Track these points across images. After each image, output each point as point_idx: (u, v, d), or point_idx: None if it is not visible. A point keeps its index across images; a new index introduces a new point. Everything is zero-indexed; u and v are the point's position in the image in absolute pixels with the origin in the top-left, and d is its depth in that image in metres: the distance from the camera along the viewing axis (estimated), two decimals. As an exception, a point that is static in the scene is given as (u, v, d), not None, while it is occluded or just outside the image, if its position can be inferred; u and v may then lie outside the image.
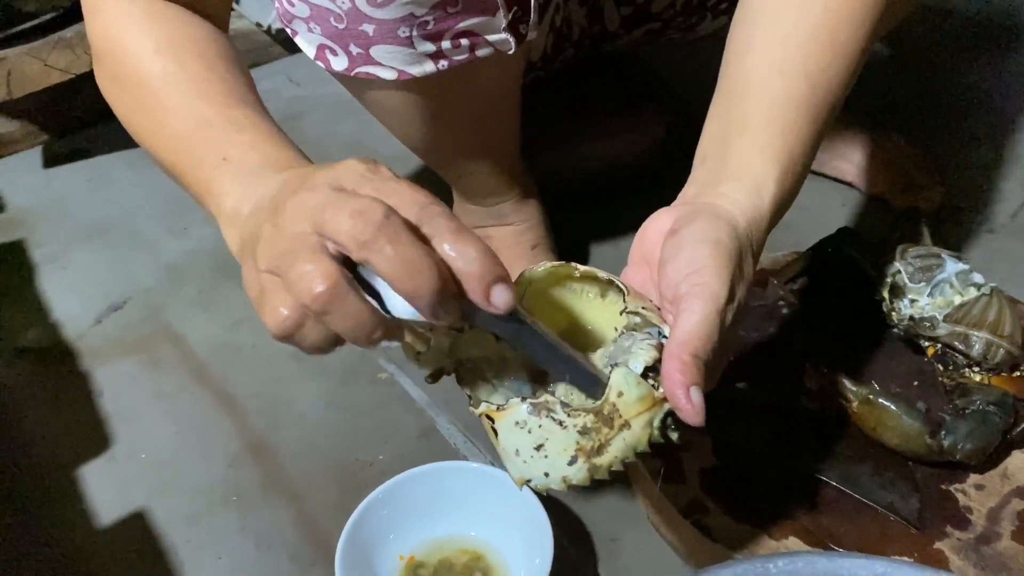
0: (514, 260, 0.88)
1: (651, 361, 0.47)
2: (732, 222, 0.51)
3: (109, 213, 1.11)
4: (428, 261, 0.41)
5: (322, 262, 0.41)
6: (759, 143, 0.54)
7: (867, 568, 0.52)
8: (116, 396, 0.87)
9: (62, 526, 0.75)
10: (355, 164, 0.44)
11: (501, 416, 0.48)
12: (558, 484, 0.48)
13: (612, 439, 0.47)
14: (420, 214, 0.42)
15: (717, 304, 0.47)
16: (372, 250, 0.40)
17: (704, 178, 0.55)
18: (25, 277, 1.02)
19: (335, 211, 0.41)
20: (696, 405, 0.45)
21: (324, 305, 0.41)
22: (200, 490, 0.77)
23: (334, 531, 0.70)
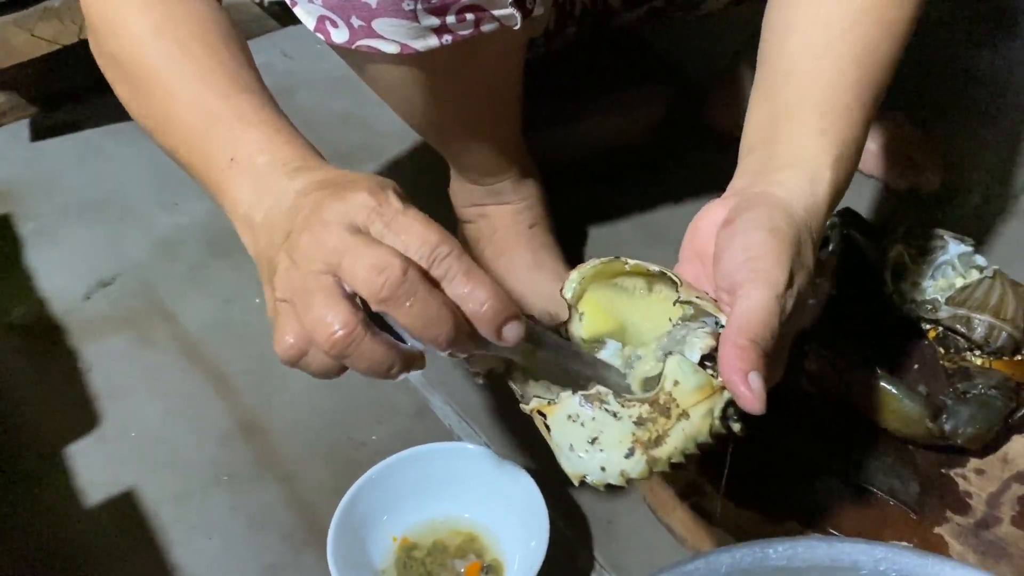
0: (512, 239, 0.86)
1: (707, 349, 0.46)
2: (789, 209, 0.49)
3: (99, 187, 1.09)
4: (444, 312, 0.43)
5: (339, 307, 0.42)
6: (811, 130, 0.52)
7: (868, 553, 0.51)
8: (105, 373, 0.85)
9: (50, 505, 0.74)
10: (365, 198, 0.45)
11: (553, 411, 0.46)
12: (616, 479, 0.46)
13: (670, 430, 0.45)
14: (431, 256, 0.43)
15: (776, 290, 0.46)
16: (391, 305, 0.42)
17: (754, 167, 0.53)
18: (12, 252, 1.00)
19: (352, 261, 0.42)
20: (756, 391, 0.44)
21: (342, 350, 0.43)
22: (191, 469, 0.76)
23: (327, 512, 0.69)
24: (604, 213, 0.98)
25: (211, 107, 0.53)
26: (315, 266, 0.43)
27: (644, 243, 0.96)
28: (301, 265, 0.44)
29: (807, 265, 0.49)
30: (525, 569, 0.62)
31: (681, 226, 0.96)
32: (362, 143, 1.14)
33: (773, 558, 0.52)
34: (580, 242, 0.95)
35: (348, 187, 0.46)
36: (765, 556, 0.52)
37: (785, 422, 0.68)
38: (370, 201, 0.45)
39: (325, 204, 0.45)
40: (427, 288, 0.43)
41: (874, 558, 0.51)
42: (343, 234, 0.43)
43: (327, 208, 0.45)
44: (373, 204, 0.45)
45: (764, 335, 0.45)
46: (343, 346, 0.42)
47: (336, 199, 0.45)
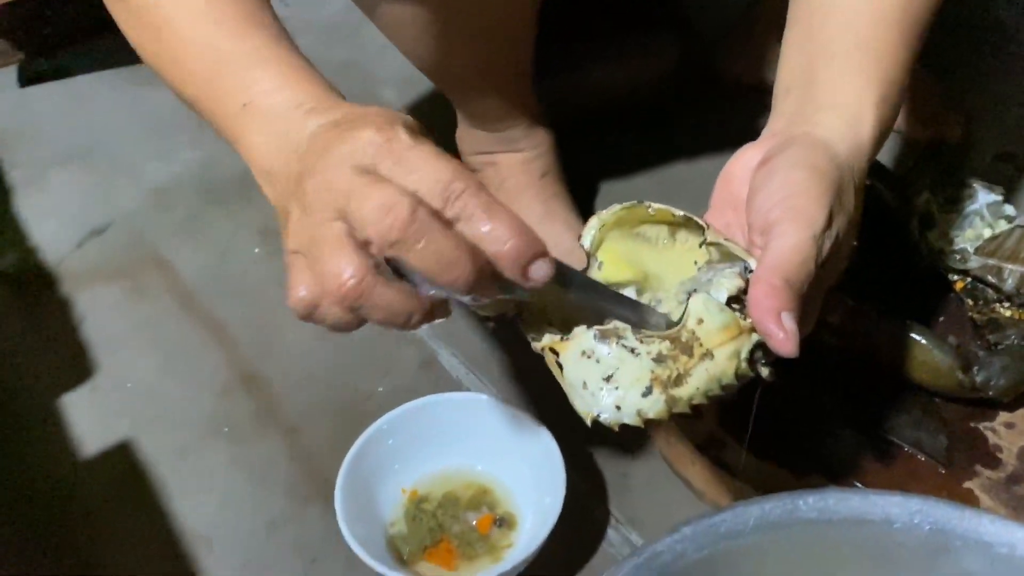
0: (523, 188, 0.83)
1: (735, 291, 0.43)
2: (831, 150, 0.46)
3: (89, 135, 1.05)
4: (461, 252, 0.39)
5: (350, 256, 0.40)
6: (852, 68, 0.49)
7: (902, 506, 0.49)
8: (99, 323, 0.82)
9: (43, 457, 0.72)
10: (372, 135, 0.41)
11: (565, 347, 0.43)
12: (632, 418, 0.43)
13: (692, 369, 0.42)
14: (445, 193, 0.40)
15: (813, 229, 0.43)
16: (402, 248, 0.39)
17: (792, 109, 0.50)
18: (1, 200, 0.97)
19: (360, 202, 0.39)
20: (789, 331, 0.41)
21: (355, 300, 0.40)
22: (189, 421, 0.74)
23: (332, 465, 0.67)
24: (613, 164, 0.95)
25: (224, 48, 0.50)
26: (325, 213, 0.40)
27: (655, 194, 0.91)
28: (311, 212, 0.41)
29: (848, 208, 0.46)
30: (540, 522, 0.60)
31: (692, 177, 0.94)
32: (362, 91, 1.10)
33: (803, 510, 0.50)
34: (589, 193, 0.92)
35: (356, 125, 0.42)
36: (795, 508, 0.50)
37: (807, 375, 0.66)
38: (377, 138, 0.41)
39: (332, 146, 0.42)
40: (440, 228, 0.39)
41: (908, 511, 0.49)
42: (350, 175, 0.40)
43: (333, 150, 0.42)
44: (380, 140, 0.41)
45: (799, 276, 0.42)
46: (355, 295, 0.40)
47: (342, 140, 0.42)
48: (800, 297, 0.42)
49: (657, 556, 0.48)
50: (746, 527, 0.49)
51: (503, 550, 0.61)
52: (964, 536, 0.48)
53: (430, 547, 0.62)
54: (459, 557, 0.61)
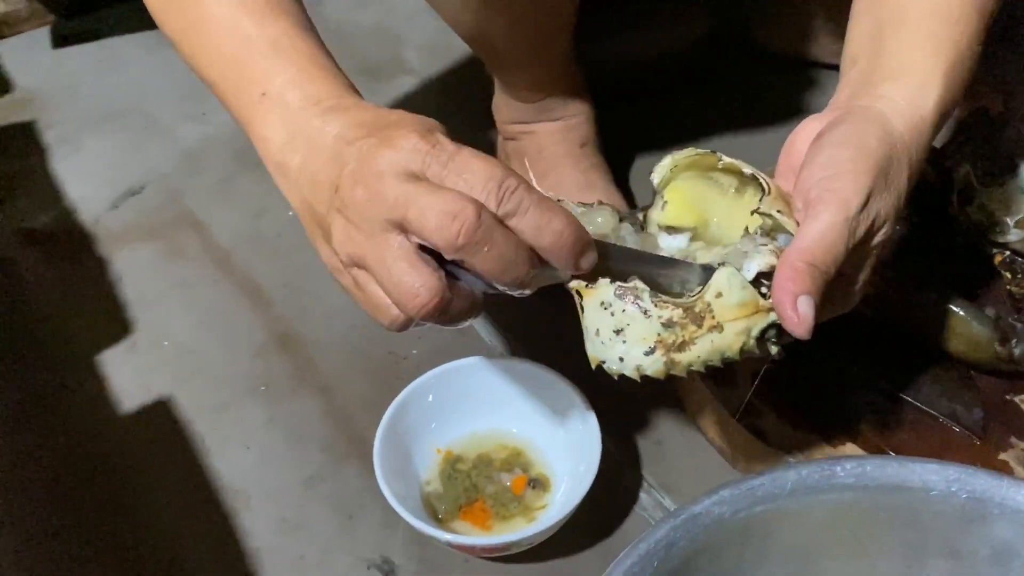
0: (561, 158, 0.83)
1: (766, 267, 0.44)
2: (886, 126, 0.46)
3: (122, 96, 1.06)
4: (522, 254, 0.41)
5: (424, 274, 0.41)
6: (920, 37, 0.48)
7: (939, 474, 0.50)
8: (135, 282, 0.83)
9: (82, 413, 0.73)
10: (416, 141, 0.42)
11: (590, 293, 0.46)
12: (631, 371, 0.45)
13: (698, 338, 0.44)
14: (500, 191, 0.41)
15: (846, 212, 0.43)
16: (468, 252, 0.40)
17: (857, 79, 0.50)
18: (37, 159, 0.98)
19: (420, 211, 0.40)
20: (803, 315, 0.42)
21: (432, 316, 0.42)
22: (226, 380, 0.74)
23: (367, 425, 0.68)
24: (650, 133, 0.95)
25: (245, 31, 0.50)
26: (376, 224, 0.41)
27: None
28: (360, 225, 0.42)
29: (897, 187, 0.46)
30: (574, 485, 0.60)
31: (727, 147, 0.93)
32: (392, 57, 1.10)
33: (841, 476, 0.50)
34: (625, 164, 0.92)
35: (394, 131, 0.42)
36: (832, 474, 0.50)
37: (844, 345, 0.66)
38: (422, 144, 0.42)
39: (374, 153, 0.42)
40: (502, 231, 0.41)
41: (946, 479, 0.50)
42: (401, 184, 0.41)
43: (377, 157, 0.42)
44: (426, 147, 0.42)
45: (826, 260, 0.43)
46: (434, 313, 0.42)
47: (385, 146, 0.42)
48: (825, 281, 0.43)
49: (695, 518, 0.49)
50: (783, 491, 0.50)
51: (537, 511, 0.62)
52: (1001, 505, 0.48)
53: (465, 506, 0.62)
54: (493, 517, 0.62)
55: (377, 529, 0.64)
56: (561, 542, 0.61)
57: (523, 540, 0.58)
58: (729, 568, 0.50)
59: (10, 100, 1.07)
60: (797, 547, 0.51)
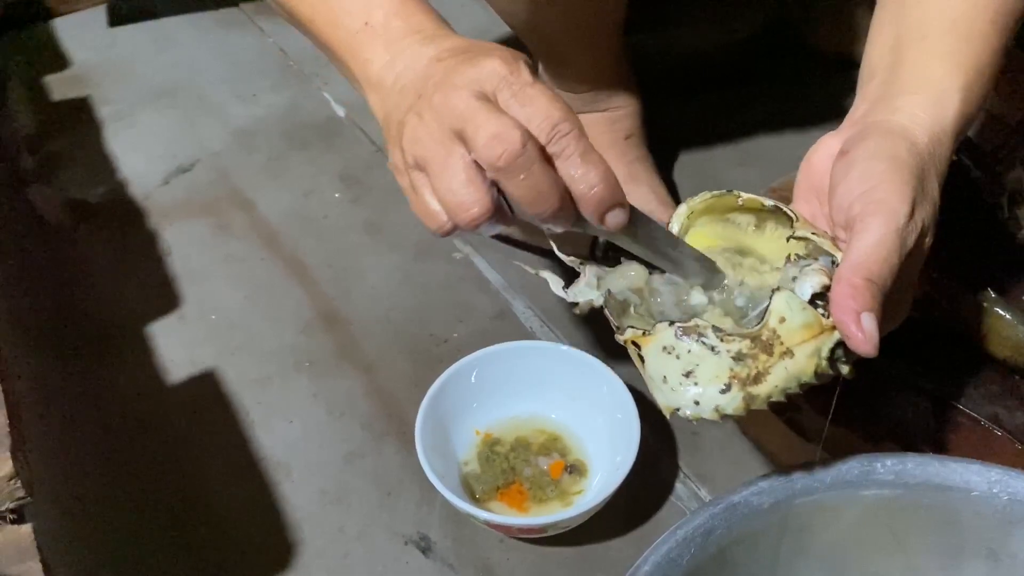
0: (606, 148, 0.83)
1: (819, 287, 0.43)
2: (910, 137, 0.46)
3: (175, 75, 1.08)
4: (554, 190, 0.43)
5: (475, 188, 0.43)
6: (939, 51, 0.48)
7: (982, 474, 0.50)
8: (185, 257, 0.85)
9: (132, 381, 0.75)
10: (498, 65, 0.44)
11: (648, 341, 0.45)
12: (710, 413, 0.43)
13: (772, 367, 0.43)
14: (552, 131, 0.43)
15: (897, 223, 0.43)
16: (505, 175, 0.42)
17: (875, 94, 0.49)
18: (92, 134, 1.00)
19: (475, 128, 0.42)
20: (868, 332, 0.41)
21: (472, 225, 0.44)
22: (271, 354, 0.76)
23: (407, 404, 0.70)
24: (694, 128, 0.95)
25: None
26: (443, 130, 0.43)
27: (735, 161, 0.93)
28: (431, 127, 0.44)
29: (932, 197, 0.46)
30: (611, 472, 0.61)
31: (772, 146, 0.94)
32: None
33: (880, 472, 0.50)
34: (669, 157, 0.92)
35: (482, 54, 0.45)
36: (872, 470, 0.50)
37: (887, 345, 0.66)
38: (501, 69, 0.44)
39: (458, 69, 0.45)
40: (541, 164, 0.42)
41: (988, 480, 0.50)
42: (469, 99, 0.43)
43: (459, 72, 0.44)
44: (504, 72, 0.44)
45: (882, 273, 0.42)
46: (474, 220, 0.43)
47: (469, 64, 0.45)
48: (883, 294, 0.42)
49: (733, 507, 0.49)
50: (822, 484, 0.50)
51: (573, 496, 0.63)
52: (1043, 509, 0.48)
53: (502, 488, 0.63)
54: (530, 499, 0.63)
55: (415, 506, 0.65)
56: (596, 527, 0.62)
57: (560, 523, 0.59)
58: (765, 559, 0.50)
59: (67, 76, 1.09)
60: (833, 542, 0.51)
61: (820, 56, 0.99)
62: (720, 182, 0.91)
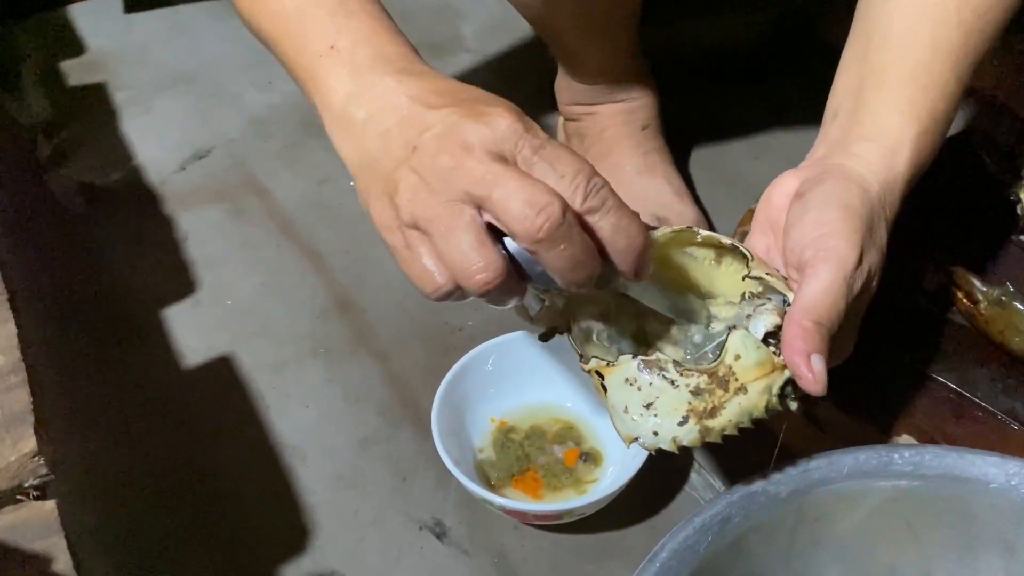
0: (622, 139, 0.83)
1: (772, 327, 0.46)
2: (863, 185, 0.48)
3: (191, 62, 1.08)
4: (592, 255, 0.41)
5: (487, 251, 0.41)
6: (898, 100, 0.50)
7: (1000, 467, 0.50)
8: (201, 242, 0.85)
9: (148, 366, 0.75)
10: (511, 123, 0.41)
11: (611, 372, 0.46)
12: (667, 444, 0.46)
13: (726, 402, 0.45)
14: (589, 186, 0.41)
15: (845, 270, 0.45)
16: (543, 247, 0.40)
17: (835, 136, 0.51)
18: (107, 120, 1.00)
19: (506, 195, 0.40)
20: (817, 374, 0.44)
21: (482, 289, 0.41)
22: (287, 340, 0.76)
23: (423, 390, 0.70)
24: (708, 120, 0.95)
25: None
26: (454, 194, 0.41)
27: (750, 154, 0.93)
28: (436, 189, 0.41)
29: (880, 243, 0.48)
30: (626, 461, 0.61)
31: (784, 141, 0.94)
32: (454, 35, 1.11)
33: (898, 463, 0.51)
34: (685, 149, 0.92)
35: (485, 107, 0.42)
36: (890, 461, 0.50)
37: (902, 339, 0.66)
38: (517, 126, 0.41)
39: (464, 125, 0.42)
40: (580, 231, 0.41)
41: (1006, 472, 0.50)
42: (490, 163, 0.40)
43: (467, 129, 0.41)
44: (520, 130, 0.41)
45: (830, 316, 0.44)
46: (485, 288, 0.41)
47: (477, 120, 0.42)
48: (831, 336, 0.44)
49: (751, 495, 0.49)
50: (839, 475, 0.50)
51: (588, 484, 0.63)
52: (1061, 502, 0.48)
53: (517, 475, 0.64)
54: (544, 487, 0.63)
55: (430, 492, 0.65)
56: (610, 515, 0.62)
57: (575, 510, 0.59)
58: (781, 548, 0.51)
59: (82, 62, 1.09)
60: (849, 532, 0.51)
61: (835, 50, 0.98)
62: (735, 174, 0.91)
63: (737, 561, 0.49)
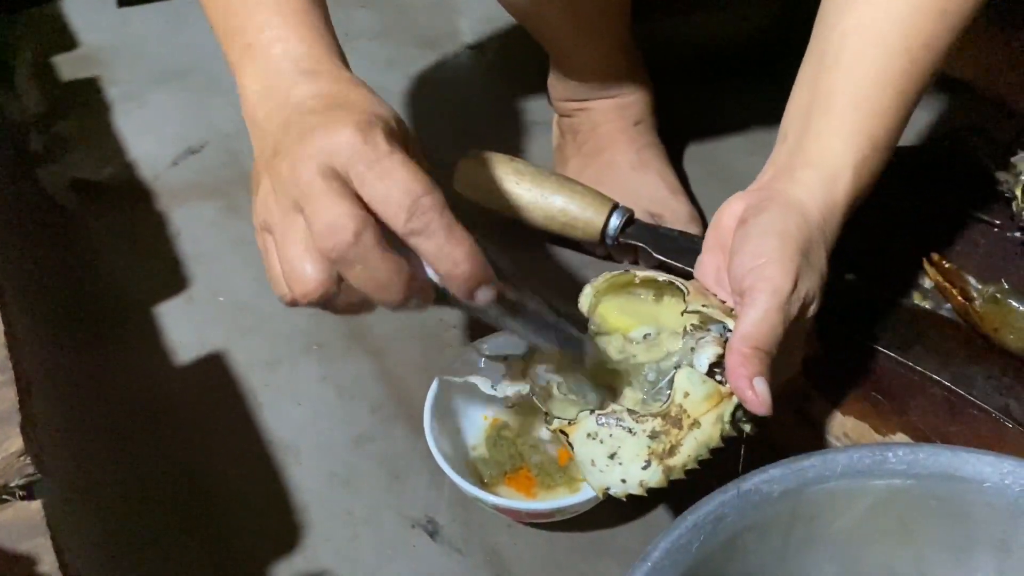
0: (615, 135, 0.83)
1: (715, 357, 0.48)
2: (803, 211, 0.50)
3: (186, 56, 1.07)
4: (395, 279, 0.42)
5: (315, 263, 0.42)
6: (842, 127, 0.52)
7: (994, 466, 0.49)
8: (194, 238, 0.85)
9: (140, 362, 0.75)
10: (350, 135, 0.42)
11: (573, 430, 0.49)
12: (636, 489, 0.48)
13: (683, 439, 0.48)
14: (413, 206, 0.42)
15: (780, 298, 0.47)
16: (342, 267, 0.42)
17: (782, 160, 0.53)
18: (101, 115, 1.00)
19: (312, 213, 0.41)
20: (761, 395, 0.46)
21: (311, 302, 0.44)
22: (280, 337, 0.76)
23: (416, 387, 0.69)
24: (703, 116, 0.95)
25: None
26: (288, 197, 0.43)
27: (746, 151, 0.92)
28: (278, 196, 0.43)
29: (819, 267, 0.50)
30: (620, 458, 0.61)
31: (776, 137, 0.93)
32: (450, 30, 1.10)
33: (892, 461, 0.50)
34: (680, 145, 0.92)
35: (336, 118, 0.43)
36: (884, 459, 0.50)
37: (896, 335, 0.65)
38: (355, 140, 0.42)
39: (309, 136, 0.43)
40: (380, 253, 0.42)
41: (1000, 471, 0.49)
42: (314, 176, 0.42)
43: (310, 141, 0.43)
44: (357, 144, 0.42)
45: (769, 342, 0.47)
46: (317, 301, 0.43)
47: (322, 131, 0.43)
48: (770, 359, 0.47)
49: (744, 494, 0.49)
50: (833, 473, 0.50)
51: (581, 483, 0.63)
52: (1056, 500, 0.48)
53: (510, 473, 0.63)
54: (537, 485, 0.63)
55: (423, 490, 0.65)
56: (604, 513, 0.62)
57: (568, 508, 0.59)
58: (775, 547, 0.50)
59: (75, 56, 1.09)
60: (844, 531, 0.51)
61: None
62: (730, 170, 0.91)
63: (731, 560, 0.49)
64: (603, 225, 0.74)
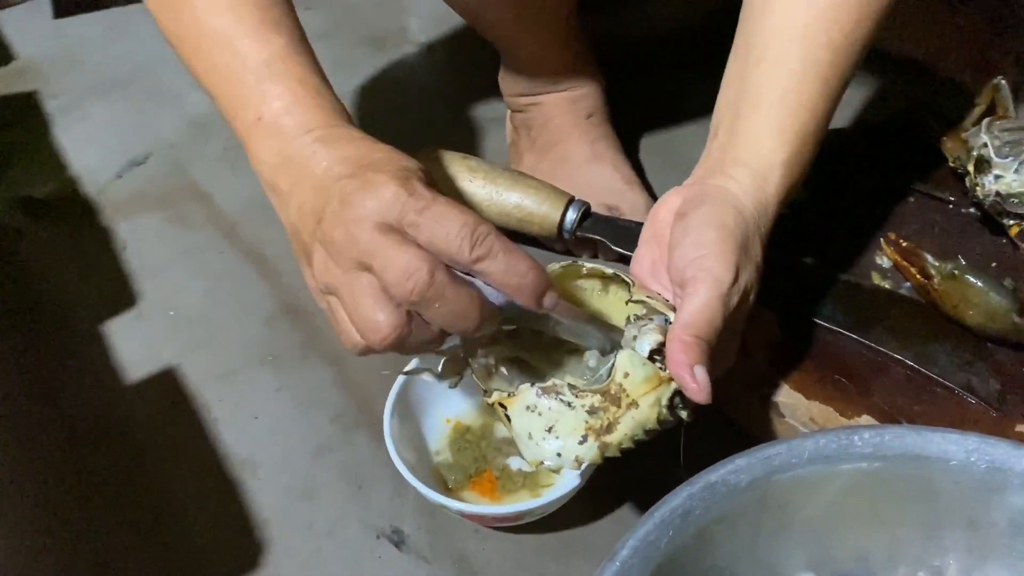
0: (568, 128, 0.82)
1: (656, 344, 0.49)
2: (738, 206, 0.51)
3: (127, 65, 1.05)
4: (472, 305, 0.45)
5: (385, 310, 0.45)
6: (770, 123, 0.53)
7: (959, 444, 0.49)
8: (141, 252, 0.83)
9: (91, 381, 0.73)
10: (395, 191, 0.45)
11: (512, 402, 0.49)
12: (570, 463, 0.48)
13: (621, 418, 0.48)
14: (473, 237, 0.44)
15: (720, 289, 0.48)
16: (421, 307, 0.45)
17: (714, 155, 0.55)
18: (40, 129, 0.97)
19: (383, 266, 0.44)
20: (701, 383, 0.47)
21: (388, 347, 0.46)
22: (234, 349, 0.74)
23: (377, 394, 0.68)
24: (660, 105, 0.94)
25: (241, 50, 0.52)
26: (350, 263, 0.45)
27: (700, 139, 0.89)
28: (337, 260, 0.45)
29: (756, 259, 0.52)
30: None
31: None
32: (397, 28, 1.09)
33: (859, 445, 0.50)
34: (634, 136, 0.91)
35: (375, 176, 0.46)
36: (850, 443, 0.50)
37: (857, 316, 0.65)
38: (400, 193, 0.45)
39: (355, 197, 0.45)
40: (454, 286, 0.44)
41: (966, 448, 0.49)
42: (373, 234, 0.44)
43: (357, 202, 0.45)
44: (403, 196, 0.45)
45: (709, 331, 0.48)
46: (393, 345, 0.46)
47: (365, 192, 0.45)
48: (710, 348, 0.48)
49: (711, 486, 0.48)
50: (800, 460, 0.49)
51: (543, 488, 0.61)
52: (1021, 475, 0.48)
53: (474, 477, 0.62)
54: (500, 489, 0.62)
55: (387, 499, 0.64)
56: (573, 512, 0.61)
57: (534, 510, 0.58)
58: (746, 537, 0.50)
59: (11, 70, 1.06)
60: (814, 517, 0.50)
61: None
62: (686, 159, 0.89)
63: (701, 553, 0.48)
64: (560, 219, 0.73)
